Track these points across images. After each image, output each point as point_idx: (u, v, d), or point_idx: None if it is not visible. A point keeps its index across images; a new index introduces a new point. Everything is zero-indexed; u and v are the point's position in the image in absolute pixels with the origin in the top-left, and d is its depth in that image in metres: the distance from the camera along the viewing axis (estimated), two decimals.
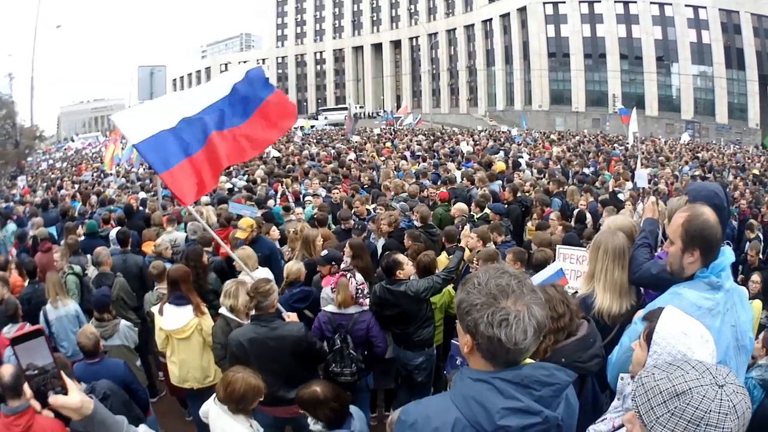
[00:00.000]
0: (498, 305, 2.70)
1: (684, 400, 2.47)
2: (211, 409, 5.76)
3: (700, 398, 2.44)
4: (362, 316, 7.66)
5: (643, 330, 3.59)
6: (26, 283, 11.16)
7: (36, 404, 2.77)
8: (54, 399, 2.75)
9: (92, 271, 11.55)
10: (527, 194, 16.21)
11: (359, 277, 8.04)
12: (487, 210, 13.09)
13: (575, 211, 14.09)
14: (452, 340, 7.95)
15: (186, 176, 7.43)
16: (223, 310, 7.69)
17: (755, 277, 11.22)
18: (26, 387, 2.72)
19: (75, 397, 2.82)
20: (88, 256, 12.29)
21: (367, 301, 7.87)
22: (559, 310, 4.79)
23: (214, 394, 5.80)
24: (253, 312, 7.10)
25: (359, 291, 7.66)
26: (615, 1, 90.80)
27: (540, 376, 2.79)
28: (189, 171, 7.47)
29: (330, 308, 7.69)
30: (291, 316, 7.27)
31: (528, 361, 2.95)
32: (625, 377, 3.93)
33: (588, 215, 13.87)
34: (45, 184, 36.40)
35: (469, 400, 2.77)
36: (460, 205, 13.75)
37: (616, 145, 41.84)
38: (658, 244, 6.43)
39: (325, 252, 9.29)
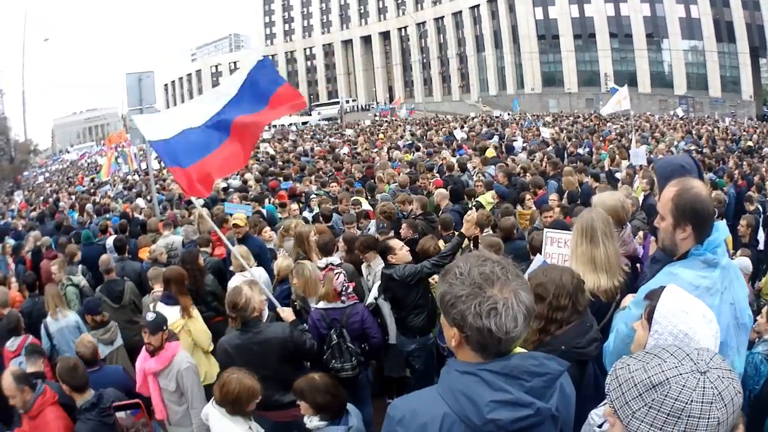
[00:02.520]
0: (484, 294, 2.62)
1: (662, 392, 2.34)
2: (211, 412, 5.78)
3: (680, 388, 2.30)
4: (355, 308, 7.63)
5: (645, 309, 3.50)
6: (26, 297, 11.18)
7: None
8: None
9: (80, 280, 11.58)
10: (520, 177, 16.34)
11: (344, 275, 7.92)
12: (482, 198, 13.26)
13: (566, 192, 14.03)
14: None
15: (198, 172, 7.66)
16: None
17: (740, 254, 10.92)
18: None
19: None
20: (80, 266, 12.51)
21: (354, 296, 7.87)
22: (562, 302, 4.57)
23: (213, 398, 5.79)
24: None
25: (344, 287, 7.62)
26: None
27: (529, 366, 2.73)
28: (202, 168, 7.71)
29: (322, 304, 7.65)
30: (285, 311, 7.34)
31: (518, 350, 2.90)
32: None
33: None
34: (42, 198, 36.32)
35: (457, 394, 2.72)
36: (441, 191, 13.90)
37: (609, 124, 41.73)
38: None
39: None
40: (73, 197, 30.58)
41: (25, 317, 9.59)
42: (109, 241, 13.72)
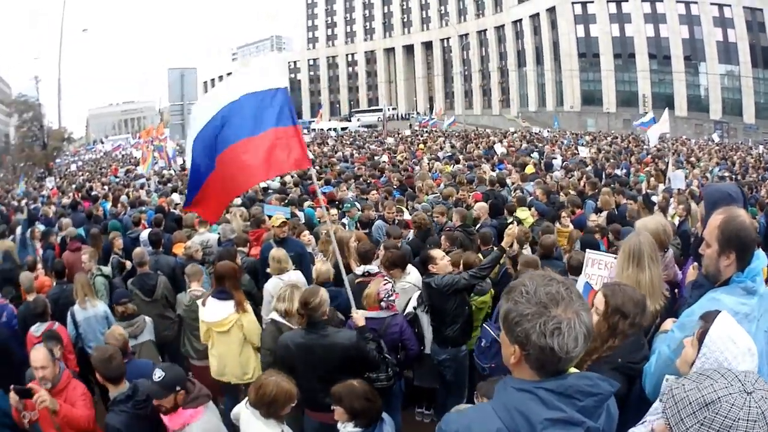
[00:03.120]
0: (549, 314, 2.65)
1: (713, 410, 2.53)
2: (242, 413, 5.73)
3: (729, 407, 2.49)
4: (394, 319, 7.64)
5: (698, 329, 3.57)
6: (54, 284, 11.21)
7: None
8: None
9: (109, 271, 11.68)
10: (558, 196, 16.26)
11: (392, 285, 7.96)
12: (520, 213, 13.29)
13: (604, 213, 14.01)
14: (483, 324, 7.98)
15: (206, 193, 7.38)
16: (274, 315, 7.66)
17: None
18: None
19: None
20: (112, 257, 12.55)
21: (395, 306, 7.84)
22: (637, 320, 4.68)
23: (246, 398, 5.76)
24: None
25: (387, 295, 7.60)
26: (642, 0, 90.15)
27: (583, 386, 2.72)
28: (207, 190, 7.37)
29: (362, 313, 7.51)
30: (358, 315, 7.22)
31: (572, 370, 2.90)
32: (670, 378, 3.88)
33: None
34: (74, 186, 36.40)
35: (512, 411, 2.72)
36: (481, 205, 13.76)
37: (646, 146, 41.23)
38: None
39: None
40: (107, 187, 30.58)
41: (52, 304, 9.63)
42: (143, 234, 13.85)
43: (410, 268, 9.16)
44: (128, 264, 12.21)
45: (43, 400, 6.13)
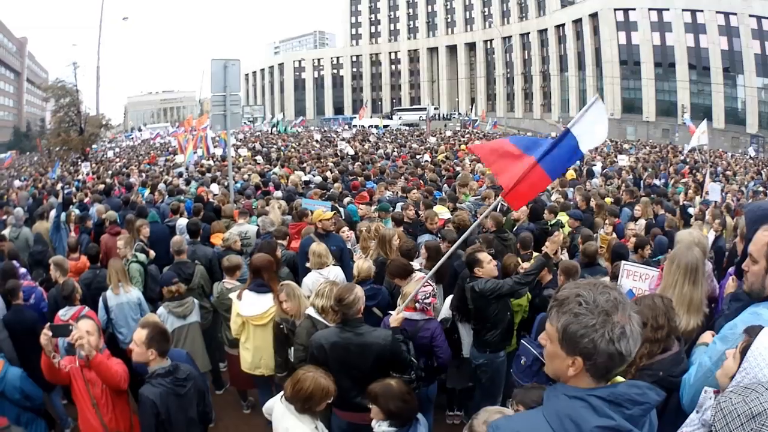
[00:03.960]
0: (612, 320, 2.71)
1: (759, 421, 2.71)
2: (276, 407, 5.71)
3: None
4: (428, 324, 7.62)
5: (741, 342, 3.70)
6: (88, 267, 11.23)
7: None
8: None
9: (144, 258, 11.66)
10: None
11: (433, 288, 7.91)
12: (561, 216, 13.25)
13: (641, 222, 13.94)
14: (522, 340, 7.83)
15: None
16: (310, 311, 7.57)
17: None
18: None
19: None
20: (138, 244, 12.43)
21: (444, 315, 7.93)
22: (660, 321, 4.91)
23: (281, 392, 5.72)
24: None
25: (425, 297, 7.56)
26: (683, 10, 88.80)
27: (633, 394, 2.76)
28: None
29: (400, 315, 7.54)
30: (396, 317, 7.21)
31: (618, 378, 2.95)
32: (709, 390, 4.03)
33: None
34: (110, 172, 36.63)
35: (563, 418, 2.75)
36: (522, 208, 13.48)
37: (683, 157, 40.96)
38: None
39: None
40: (144, 175, 30.82)
41: (84, 288, 9.69)
42: (180, 222, 14.08)
43: (418, 275, 8.86)
44: (152, 253, 12.32)
45: (81, 336, 6.25)
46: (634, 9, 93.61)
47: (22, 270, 11.81)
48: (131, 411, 7.01)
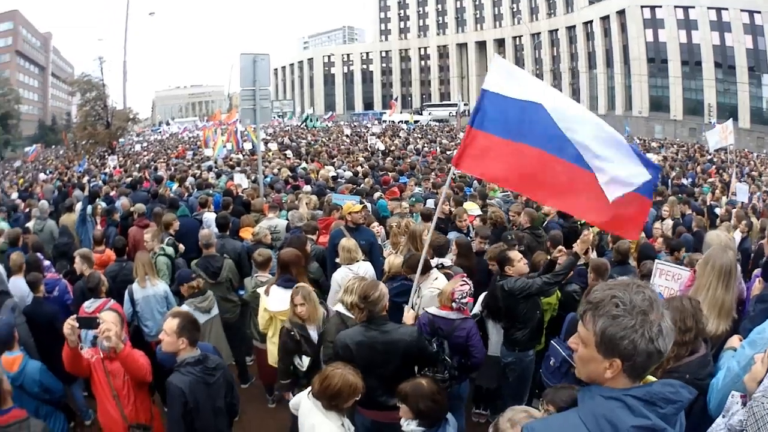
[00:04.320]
0: (649, 319, 2.70)
1: None
2: (303, 403, 5.68)
3: None
4: (464, 323, 7.51)
5: None
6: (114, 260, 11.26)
7: None
8: None
9: (172, 251, 11.65)
10: None
11: (470, 287, 7.77)
12: None
13: (668, 222, 13.96)
14: (552, 341, 7.81)
15: (489, 150, 6.79)
16: (339, 307, 7.55)
17: None
18: None
19: None
20: (168, 238, 12.42)
21: (475, 311, 7.88)
22: (688, 324, 4.85)
23: (309, 388, 5.68)
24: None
25: (462, 296, 7.47)
26: (708, 7, 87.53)
27: (667, 393, 2.77)
28: (499, 150, 6.71)
29: (433, 310, 7.58)
30: (409, 315, 7.21)
31: (650, 378, 2.98)
32: (736, 395, 4.02)
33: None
34: (138, 165, 36.72)
35: (600, 418, 2.73)
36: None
37: (710, 157, 40.75)
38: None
39: None
40: (173, 168, 30.95)
41: (110, 280, 9.67)
42: (208, 216, 14.09)
43: (437, 273, 8.89)
44: (182, 247, 12.32)
45: (108, 329, 6.20)
46: (661, 6, 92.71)
47: (46, 262, 11.91)
48: (152, 403, 7.05)
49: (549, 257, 9.20)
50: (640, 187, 5.95)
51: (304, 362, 7.20)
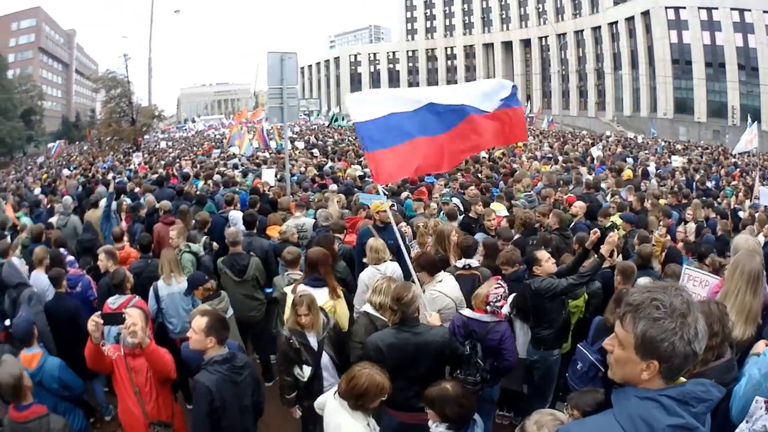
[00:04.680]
0: (687, 322, 2.75)
1: None
2: (329, 402, 5.67)
3: None
4: (498, 326, 7.47)
5: None
6: (139, 257, 11.33)
7: None
8: None
9: (198, 248, 11.70)
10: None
11: (504, 290, 7.73)
12: (615, 218, 13.11)
13: (691, 225, 13.97)
14: (578, 345, 7.80)
15: (391, 159, 7.64)
16: (367, 307, 7.54)
17: None
18: None
19: None
20: (204, 237, 12.58)
21: (504, 312, 7.69)
22: (715, 328, 4.84)
23: (335, 387, 5.67)
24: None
25: (496, 299, 7.43)
26: (731, 9, 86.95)
27: (698, 392, 2.83)
28: (398, 154, 7.71)
29: (467, 312, 7.57)
30: (433, 317, 7.12)
31: (681, 378, 2.97)
32: (760, 400, 4.17)
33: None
34: (163, 162, 36.84)
35: (636, 419, 2.78)
36: (581, 204, 13.71)
37: (734, 160, 40.46)
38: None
39: None
40: (199, 165, 30.91)
41: (135, 277, 9.70)
42: (234, 214, 14.11)
43: (444, 275, 8.82)
44: (215, 245, 12.44)
45: (135, 323, 6.22)
46: (684, 7, 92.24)
47: (70, 258, 12.05)
48: (173, 400, 7.07)
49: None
50: (510, 100, 8.95)
51: (305, 372, 7.05)
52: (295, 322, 7.23)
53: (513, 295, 8.43)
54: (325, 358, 7.14)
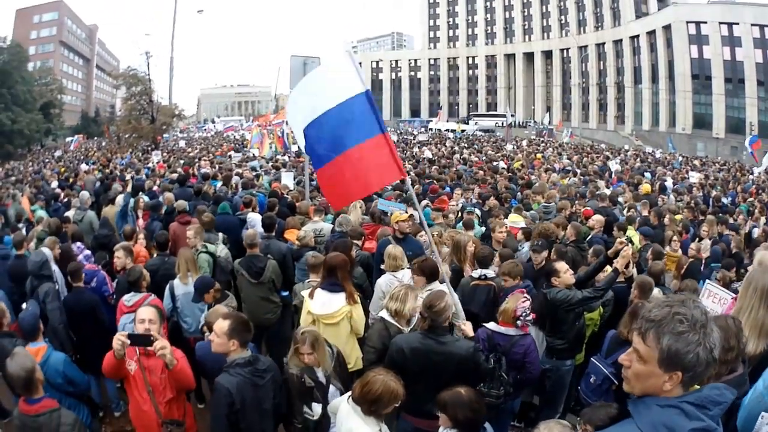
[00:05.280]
0: (707, 332, 2.85)
1: None
2: (342, 407, 5.67)
3: None
4: (523, 339, 7.48)
5: None
6: (154, 255, 11.45)
7: None
8: None
9: (221, 249, 11.70)
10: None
11: (531, 304, 7.72)
12: (630, 233, 13.09)
13: (706, 242, 13.73)
14: (592, 358, 7.78)
15: (335, 177, 7.55)
16: (384, 314, 7.54)
17: None
18: None
19: None
20: (220, 234, 12.67)
21: (528, 327, 7.70)
22: (731, 343, 4.81)
23: (349, 392, 5.68)
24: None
25: (524, 313, 7.43)
26: (752, 24, 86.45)
27: (714, 395, 2.93)
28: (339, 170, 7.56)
29: (491, 326, 7.59)
30: (466, 326, 7.22)
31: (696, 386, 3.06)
32: (766, 416, 4.22)
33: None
34: (183, 161, 36.89)
35: (659, 426, 2.86)
36: (598, 218, 13.69)
37: (751, 177, 40.34)
38: None
39: None
40: (218, 166, 30.78)
41: (150, 275, 9.71)
42: (252, 216, 14.12)
43: (439, 287, 8.53)
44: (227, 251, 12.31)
45: (163, 347, 6.26)
46: (706, 22, 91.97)
47: (87, 252, 12.11)
48: (185, 399, 7.11)
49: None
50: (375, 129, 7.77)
51: (315, 411, 6.72)
52: (299, 360, 6.89)
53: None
54: (332, 391, 6.90)
